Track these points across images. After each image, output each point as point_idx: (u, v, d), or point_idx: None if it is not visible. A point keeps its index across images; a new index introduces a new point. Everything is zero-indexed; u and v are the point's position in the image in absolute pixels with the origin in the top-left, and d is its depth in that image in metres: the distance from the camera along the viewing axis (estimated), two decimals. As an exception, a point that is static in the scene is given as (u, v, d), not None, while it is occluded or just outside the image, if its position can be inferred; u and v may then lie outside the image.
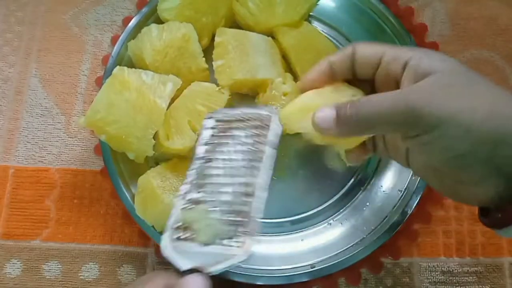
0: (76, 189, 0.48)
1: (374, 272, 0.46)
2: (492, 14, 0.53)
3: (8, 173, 0.49)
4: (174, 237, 0.33)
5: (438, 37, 0.53)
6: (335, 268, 0.43)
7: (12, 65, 0.52)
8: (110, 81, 0.42)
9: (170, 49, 0.44)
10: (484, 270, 0.46)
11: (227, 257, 0.31)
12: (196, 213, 0.33)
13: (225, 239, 0.32)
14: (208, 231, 0.32)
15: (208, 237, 0.32)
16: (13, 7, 0.54)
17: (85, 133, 0.50)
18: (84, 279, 0.46)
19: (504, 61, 0.52)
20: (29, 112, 0.51)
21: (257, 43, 0.46)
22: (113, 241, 0.47)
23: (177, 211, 0.34)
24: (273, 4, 0.46)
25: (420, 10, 0.54)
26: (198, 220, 0.33)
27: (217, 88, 0.45)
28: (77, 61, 0.52)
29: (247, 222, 0.32)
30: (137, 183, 0.43)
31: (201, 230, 0.32)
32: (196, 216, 0.33)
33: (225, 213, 0.33)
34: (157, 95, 0.42)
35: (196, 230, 0.33)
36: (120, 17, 0.54)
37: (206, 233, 0.32)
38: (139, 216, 0.43)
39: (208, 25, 0.48)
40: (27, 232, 0.47)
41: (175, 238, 0.33)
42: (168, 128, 0.43)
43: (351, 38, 0.51)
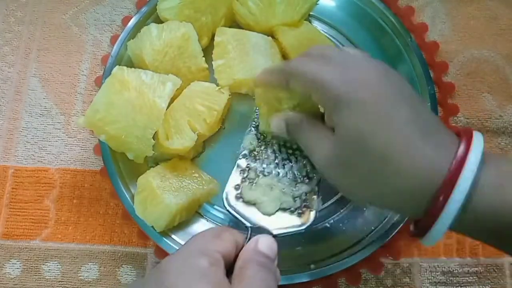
0: (75, 189, 0.48)
1: (374, 272, 0.46)
2: (492, 14, 0.53)
3: (7, 173, 0.49)
4: (237, 195, 0.36)
5: (438, 37, 0.53)
6: (335, 268, 0.43)
7: (11, 65, 0.52)
8: (110, 81, 0.42)
9: (170, 49, 0.44)
10: (485, 270, 0.46)
11: (287, 225, 0.34)
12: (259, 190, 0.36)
13: (287, 210, 0.35)
14: (272, 204, 0.35)
15: (271, 209, 0.35)
16: (12, 7, 0.54)
17: (84, 133, 0.50)
18: (83, 279, 0.46)
19: (504, 61, 0.52)
20: (28, 112, 0.51)
21: (257, 43, 0.46)
22: (112, 241, 0.47)
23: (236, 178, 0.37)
24: (273, 4, 0.46)
25: (421, 10, 0.54)
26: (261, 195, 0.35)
27: (217, 88, 0.45)
28: (76, 60, 0.52)
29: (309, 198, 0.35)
30: (137, 183, 0.43)
31: (265, 202, 0.35)
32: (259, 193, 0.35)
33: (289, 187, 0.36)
34: (156, 95, 0.42)
35: (259, 202, 0.35)
36: (120, 17, 0.54)
37: (269, 205, 0.35)
38: (139, 216, 0.43)
39: (208, 25, 0.48)
40: (27, 232, 0.47)
41: (238, 197, 0.36)
42: (167, 128, 0.43)
43: (351, 37, 0.50)
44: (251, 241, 0.31)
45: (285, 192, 0.35)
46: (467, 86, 0.51)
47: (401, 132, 0.28)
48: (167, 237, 0.43)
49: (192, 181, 0.44)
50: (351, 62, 0.31)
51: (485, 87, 0.51)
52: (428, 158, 0.28)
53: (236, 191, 0.36)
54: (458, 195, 0.27)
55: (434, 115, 0.31)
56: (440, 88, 0.51)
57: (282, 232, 0.34)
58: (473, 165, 0.27)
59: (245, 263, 0.29)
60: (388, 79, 0.30)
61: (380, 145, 0.28)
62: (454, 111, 0.50)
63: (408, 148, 0.28)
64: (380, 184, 0.29)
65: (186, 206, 0.42)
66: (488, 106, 0.50)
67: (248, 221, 0.34)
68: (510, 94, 0.51)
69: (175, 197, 0.42)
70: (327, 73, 0.30)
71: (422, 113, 0.30)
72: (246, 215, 0.35)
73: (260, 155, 0.37)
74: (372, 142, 0.28)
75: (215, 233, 0.31)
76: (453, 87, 0.51)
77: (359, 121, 0.29)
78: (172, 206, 0.41)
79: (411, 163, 0.28)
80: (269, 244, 0.31)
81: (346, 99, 0.29)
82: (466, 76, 0.51)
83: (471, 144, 0.28)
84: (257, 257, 0.29)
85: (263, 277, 0.28)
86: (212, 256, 0.28)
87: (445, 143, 0.29)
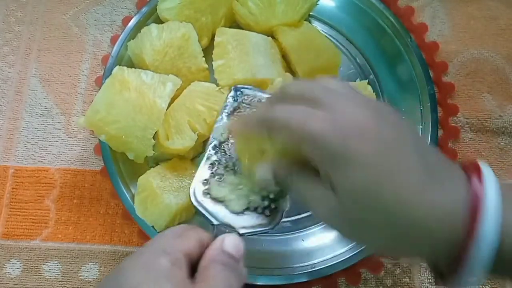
0: (76, 189, 0.48)
1: (374, 272, 0.46)
2: (492, 14, 0.53)
3: (8, 173, 0.49)
4: (205, 191, 0.34)
5: (438, 37, 0.53)
6: (335, 268, 0.43)
7: (12, 65, 0.52)
8: (110, 81, 0.42)
9: (170, 49, 0.44)
10: (484, 270, 0.46)
11: (254, 224, 0.33)
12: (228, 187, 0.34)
13: (255, 209, 0.34)
14: (240, 203, 0.34)
15: (239, 207, 0.34)
16: (12, 7, 0.54)
17: (85, 133, 0.50)
18: (84, 279, 0.46)
19: (504, 61, 0.52)
20: (28, 112, 0.51)
21: (257, 43, 0.46)
22: (112, 241, 0.47)
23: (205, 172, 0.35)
24: (273, 4, 0.46)
25: (420, 10, 0.54)
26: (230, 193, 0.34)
27: (217, 88, 0.45)
28: (77, 61, 0.52)
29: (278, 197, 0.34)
30: (137, 183, 0.43)
31: (233, 200, 0.34)
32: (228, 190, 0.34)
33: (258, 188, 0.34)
34: (157, 95, 0.42)
35: (227, 200, 0.34)
36: (120, 17, 0.54)
37: (237, 204, 0.34)
38: (139, 216, 0.43)
39: (208, 25, 0.48)
40: (27, 232, 0.47)
41: (206, 193, 0.34)
42: (168, 128, 0.43)
43: (351, 37, 0.51)
44: (216, 240, 0.29)
45: (254, 191, 0.34)
46: (467, 86, 0.51)
47: (410, 181, 0.26)
48: (167, 237, 0.43)
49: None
50: (341, 103, 0.27)
51: (485, 87, 0.51)
52: (441, 206, 0.26)
53: (204, 186, 0.34)
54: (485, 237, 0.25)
55: (437, 151, 0.29)
56: (440, 88, 0.51)
57: (249, 231, 0.33)
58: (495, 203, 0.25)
59: (208, 263, 0.28)
60: (385, 120, 0.27)
61: (389, 200, 0.26)
62: (454, 111, 0.50)
63: (419, 200, 0.26)
64: (395, 236, 0.27)
65: (186, 206, 0.42)
66: (488, 106, 0.51)
67: (215, 218, 0.33)
68: (510, 94, 0.51)
69: (175, 197, 0.42)
70: (316, 124, 0.27)
71: (427, 153, 0.27)
72: (213, 212, 0.34)
73: (231, 148, 0.36)
74: (380, 198, 0.26)
75: (179, 232, 0.29)
76: (453, 87, 0.51)
77: (362, 178, 0.26)
78: (172, 206, 0.41)
79: (426, 212, 0.26)
80: (235, 244, 0.29)
81: (344, 154, 0.26)
82: (466, 76, 0.52)
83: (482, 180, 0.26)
84: (221, 257, 0.28)
85: (226, 277, 0.27)
86: (174, 255, 0.27)
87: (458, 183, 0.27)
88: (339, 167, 0.26)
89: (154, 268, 0.26)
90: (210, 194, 0.34)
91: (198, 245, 0.29)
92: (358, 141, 0.26)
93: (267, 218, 0.34)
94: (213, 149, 0.36)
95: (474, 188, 0.26)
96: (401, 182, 0.26)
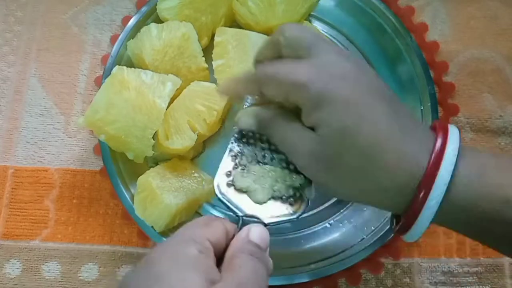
0: (75, 189, 0.48)
1: (374, 272, 0.46)
2: (492, 14, 0.53)
3: (7, 173, 0.49)
4: (229, 183, 0.34)
5: (438, 37, 0.53)
6: (335, 268, 0.43)
7: (11, 64, 0.52)
8: (110, 81, 0.42)
9: (170, 49, 0.44)
10: (485, 270, 0.46)
11: (279, 213, 0.34)
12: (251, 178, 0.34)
13: (279, 198, 0.34)
14: (264, 192, 0.34)
15: (263, 197, 0.34)
16: (12, 7, 0.54)
17: (84, 133, 0.50)
18: (83, 279, 0.46)
19: (504, 61, 0.52)
20: (28, 112, 0.51)
21: (257, 42, 0.46)
22: (112, 241, 0.47)
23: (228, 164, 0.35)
24: (273, 4, 0.46)
25: (421, 10, 0.54)
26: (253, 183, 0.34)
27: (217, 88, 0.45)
28: (76, 60, 0.52)
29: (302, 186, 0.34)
30: (137, 183, 0.43)
31: (257, 190, 0.34)
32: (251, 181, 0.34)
33: (282, 175, 0.34)
34: (156, 95, 0.42)
35: (251, 190, 0.34)
36: (120, 17, 0.54)
37: (261, 194, 0.34)
38: (139, 216, 0.43)
39: (208, 25, 0.48)
40: (26, 232, 0.47)
41: (230, 184, 0.34)
42: (167, 128, 0.43)
43: (351, 37, 0.50)
44: (242, 230, 0.30)
45: (278, 180, 0.34)
46: (467, 86, 0.51)
47: (384, 128, 0.28)
48: (167, 237, 0.43)
49: (192, 181, 0.44)
50: (324, 57, 0.30)
51: (485, 87, 0.51)
52: (411, 153, 0.28)
53: (227, 178, 0.35)
54: (438, 190, 0.28)
55: (409, 111, 0.31)
56: (440, 88, 0.50)
57: (274, 220, 0.33)
58: (451, 160, 0.28)
59: (235, 253, 0.28)
60: (365, 74, 0.30)
61: (365, 141, 0.28)
62: (454, 111, 0.50)
63: (392, 144, 0.28)
64: (365, 180, 0.29)
65: (186, 206, 0.42)
66: (488, 106, 0.50)
67: (239, 210, 0.33)
68: (510, 94, 0.51)
69: (175, 197, 0.42)
70: (303, 73, 0.29)
71: (399, 109, 0.30)
72: (237, 203, 0.34)
73: (253, 139, 0.36)
74: (357, 138, 0.28)
75: (205, 221, 0.30)
76: (453, 87, 0.51)
77: (342, 118, 0.28)
78: (172, 206, 0.41)
79: (396, 158, 0.28)
80: (260, 234, 0.30)
81: (327, 97, 0.29)
82: (466, 76, 0.51)
83: (448, 138, 0.29)
84: (248, 247, 0.29)
85: (253, 266, 0.28)
86: (202, 244, 0.28)
87: (424, 138, 0.29)
88: (321, 107, 0.29)
89: (182, 256, 0.27)
90: (234, 185, 0.34)
91: (224, 234, 0.29)
92: (340, 84, 0.29)
93: (291, 207, 0.34)
94: (235, 140, 0.36)
95: (437, 147, 0.28)
96: (378, 127, 0.28)
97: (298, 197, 0.34)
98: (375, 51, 0.50)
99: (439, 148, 0.28)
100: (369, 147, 0.28)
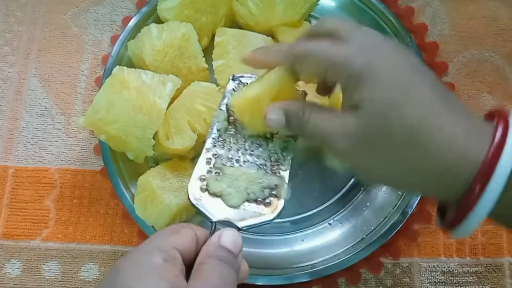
0: (75, 189, 0.48)
1: (374, 272, 0.46)
2: (492, 14, 0.53)
3: (7, 173, 0.49)
4: (203, 187, 0.34)
5: (438, 37, 0.53)
6: (335, 268, 0.43)
7: (11, 65, 0.52)
8: (110, 81, 0.42)
9: (170, 49, 0.44)
10: (484, 270, 0.46)
11: (254, 215, 0.33)
12: (226, 182, 0.34)
13: (253, 201, 0.34)
14: (238, 196, 0.33)
15: (237, 201, 0.33)
16: (12, 7, 0.54)
17: (84, 133, 0.50)
18: (83, 279, 0.46)
19: (504, 61, 0.52)
20: (28, 112, 0.51)
21: (257, 43, 0.46)
22: (112, 241, 0.47)
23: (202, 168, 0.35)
24: (273, 4, 0.46)
25: (420, 10, 0.54)
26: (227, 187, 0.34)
27: (217, 88, 0.45)
28: (76, 61, 0.52)
29: (278, 186, 0.34)
30: (137, 183, 0.43)
31: (231, 194, 0.34)
32: (225, 185, 0.34)
33: (257, 177, 0.34)
34: (156, 95, 0.42)
35: (225, 194, 0.34)
36: (120, 17, 0.54)
37: (236, 197, 0.33)
38: (139, 216, 0.43)
39: (208, 25, 0.48)
40: (27, 232, 0.47)
41: (204, 189, 0.34)
42: (167, 128, 0.43)
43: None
44: (213, 235, 0.29)
45: (253, 182, 0.34)
46: (467, 86, 0.51)
47: (431, 105, 0.27)
48: (167, 237, 0.43)
49: (192, 181, 0.44)
50: (365, 38, 0.29)
51: (485, 87, 0.51)
52: (463, 136, 0.26)
53: (201, 182, 0.34)
54: (496, 184, 0.25)
55: (455, 95, 0.30)
56: (440, 88, 0.50)
57: (249, 224, 0.33)
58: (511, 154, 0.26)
59: (204, 258, 0.28)
60: (406, 56, 0.29)
61: (410, 118, 0.27)
62: (454, 111, 0.50)
63: (442, 122, 0.27)
64: (408, 161, 0.28)
65: (186, 206, 0.42)
66: (488, 106, 0.51)
67: (213, 215, 0.33)
68: (510, 94, 0.51)
69: (175, 197, 0.42)
70: (343, 51, 0.28)
71: (447, 93, 0.28)
72: (211, 208, 0.33)
73: (229, 140, 0.36)
74: (401, 115, 0.27)
75: (174, 229, 0.29)
76: (453, 87, 0.51)
77: (385, 95, 0.27)
78: (172, 206, 0.41)
79: (446, 138, 0.26)
80: (232, 239, 0.29)
81: (369, 74, 0.27)
82: (466, 76, 0.52)
83: (509, 128, 0.27)
84: (217, 252, 0.28)
85: (222, 272, 0.27)
86: (167, 252, 0.27)
87: (476, 123, 0.28)
88: (365, 84, 0.27)
89: (146, 265, 0.26)
90: (208, 190, 0.34)
91: (194, 241, 0.29)
92: (383, 64, 0.28)
93: (267, 209, 0.33)
94: (211, 143, 0.36)
95: (497, 137, 0.26)
96: (423, 105, 0.27)
97: (274, 197, 0.34)
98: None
99: (499, 139, 0.26)
100: (417, 121, 0.27)
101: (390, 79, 0.27)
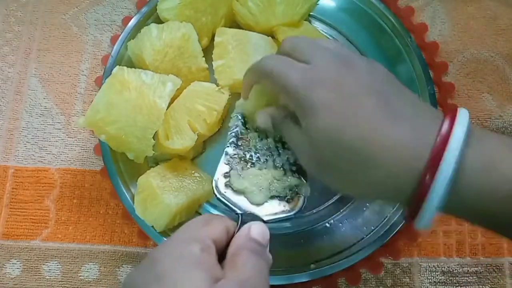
0: (75, 189, 0.48)
1: (374, 272, 0.46)
2: (492, 14, 0.53)
3: (7, 173, 0.49)
4: (227, 183, 0.36)
5: (438, 37, 0.53)
6: (335, 268, 0.43)
7: (11, 65, 0.52)
8: (110, 81, 0.42)
9: (170, 49, 0.44)
10: (484, 270, 0.46)
11: (277, 211, 0.35)
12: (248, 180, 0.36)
13: (276, 197, 0.36)
14: (261, 194, 0.35)
15: (260, 199, 0.35)
16: (12, 7, 0.54)
17: (84, 133, 0.50)
18: (84, 279, 0.46)
19: (504, 61, 0.52)
20: (28, 112, 0.51)
21: (257, 43, 0.46)
22: (112, 241, 0.47)
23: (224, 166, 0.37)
24: (273, 4, 0.46)
25: (421, 10, 0.54)
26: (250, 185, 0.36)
27: (217, 88, 0.45)
28: (76, 61, 0.52)
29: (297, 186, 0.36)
30: (137, 183, 0.43)
31: (254, 192, 0.35)
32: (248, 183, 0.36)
33: (278, 177, 0.36)
34: (157, 95, 0.42)
35: (248, 192, 0.35)
36: (120, 17, 0.54)
37: (258, 195, 0.35)
38: (139, 216, 0.43)
39: (208, 25, 0.48)
40: (27, 232, 0.47)
41: (227, 185, 0.36)
42: (168, 128, 0.43)
43: (351, 37, 0.51)
44: (243, 227, 0.30)
45: (274, 181, 0.36)
46: (467, 86, 0.51)
47: (368, 123, 0.28)
48: (167, 237, 0.43)
49: (192, 181, 0.44)
50: (319, 58, 0.31)
51: (485, 87, 0.51)
52: (406, 138, 0.28)
53: (225, 179, 0.36)
54: (444, 172, 0.26)
55: (410, 97, 0.30)
56: (440, 88, 0.51)
57: (272, 218, 0.35)
58: (458, 141, 0.27)
59: (237, 250, 0.29)
60: (351, 70, 0.30)
61: (351, 142, 0.28)
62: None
63: (379, 137, 0.28)
64: (362, 178, 0.29)
65: (186, 206, 0.42)
66: (488, 106, 0.51)
67: (238, 209, 0.35)
68: (510, 94, 0.51)
69: (175, 197, 0.42)
70: (291, 75, 0.30)
71: (392, 98, 0.29)
72: (236, 202, 0.35)
73: (248, 143, 0.37)
74: (343, 141, 0.28)
75: (205, 220, 0.30)
76: (453, 87, 0.51)
77: (325, 124, 0.29)
78: (172, 206, 0.41)
79: (386, 151, 0.28)
80: (261, 231, 0.30)
81: (308, 103, 0.29)
82: (466, 76, 0.52)
83: (455, 120, 0.28)
84: (249, 244, 0.29)
85: (255, 263, 0.28)
86: (204, 242, 0.28)
87: (425, 123, 0.28)
88: (306, 114, 0.30)
89: (184, 255, 0.27)
90: (232, 187, 0.36)
91: (225, 232, 0.30)
92: (321, 91, 0.29)
93: (289, 205, 0.36)
94: (230, 145, 0.37)
95: (444, 129, 0.27)
96: (361, 124, 0.28)
97: (295, 195, 0.36)
98: (375, 52, 0.50)
99: (445, 131, 0.27)
100: (358, 142, 0.28)
101: (329, 108, 0.29)
